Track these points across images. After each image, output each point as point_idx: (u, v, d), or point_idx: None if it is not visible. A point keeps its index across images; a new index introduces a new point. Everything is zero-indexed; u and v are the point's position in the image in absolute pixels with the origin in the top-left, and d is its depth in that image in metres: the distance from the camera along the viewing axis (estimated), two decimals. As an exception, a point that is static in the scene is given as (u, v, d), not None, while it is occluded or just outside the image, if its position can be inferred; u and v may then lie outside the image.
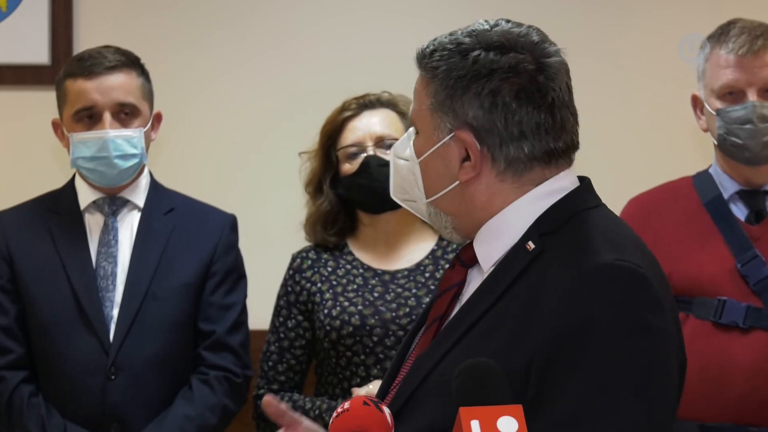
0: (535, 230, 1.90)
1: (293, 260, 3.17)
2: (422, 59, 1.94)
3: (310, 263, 3.13)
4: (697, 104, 3.07)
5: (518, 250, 1.89)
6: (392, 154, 2.04)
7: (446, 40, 1.93)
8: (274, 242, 3.66)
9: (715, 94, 3.00)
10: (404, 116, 3.06)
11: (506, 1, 3.34)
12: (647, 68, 3.90)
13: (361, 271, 3.10)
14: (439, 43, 1.93)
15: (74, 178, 3.14)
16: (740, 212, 3.02)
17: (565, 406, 1.74)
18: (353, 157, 3.09)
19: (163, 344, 3.02)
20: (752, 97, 2.94)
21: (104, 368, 2.96)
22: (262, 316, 3.26)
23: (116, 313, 3.00)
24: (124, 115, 3.04)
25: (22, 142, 3.92)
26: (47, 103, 3.28)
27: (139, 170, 3.09)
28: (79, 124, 3.03)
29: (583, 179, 1.98)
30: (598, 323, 1.75)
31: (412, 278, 3.07)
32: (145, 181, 3.14)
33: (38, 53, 3.90)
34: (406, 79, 2.03)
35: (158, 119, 3.15)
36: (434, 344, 1.91)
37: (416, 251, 3.12)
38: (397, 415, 1.85)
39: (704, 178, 3.09)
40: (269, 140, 3.89)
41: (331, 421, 1.75)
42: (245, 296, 3.16)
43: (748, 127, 2.94)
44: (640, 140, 3.91)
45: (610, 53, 3.89)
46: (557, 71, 1.90)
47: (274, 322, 3.15)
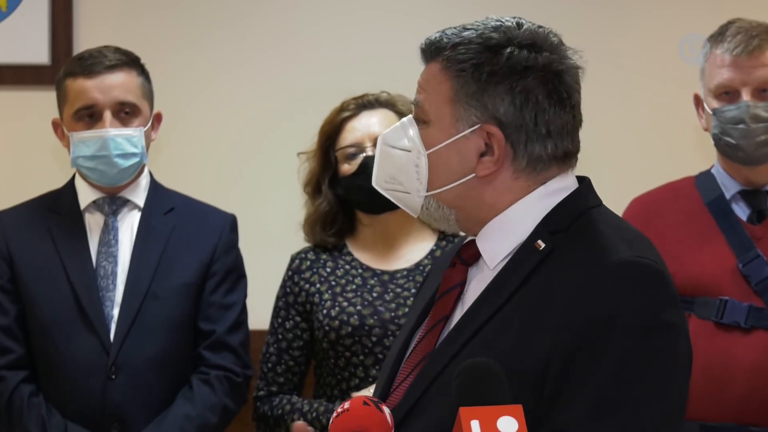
0: (543, 229, 1.89)
1: (292, 261, 3.16)
2: (439, 51, 1.91)
3: (308, 264, 3.13)
4: (699, 104, 3.08)
5: (527, 248, 1.88)
6: (381, 142, 2.00)
7: (470, 34, 1.90)
8: (274, 242, 3.66)
9: (712, 93, 3.00)
10: (403, 116, 3.05)
11: (506, 1, 3.33)
12: (647, 68, 3.90)
13: (360, 271, 3.10)
14: (460, 36, 1.90)
15: (74, 177, 3.14)
16: (742, 212, 3.02)
17: (587, 401, 1.75)
18: (352, 157, 3.08)
19: (163, 344, 3.01)
20: (746, 96, 2.94)
21: (105, 368, 2.96)
22: (262, 316, 3.25)
23: (116, 312, 3.00)
24: (124, 114, 3.04)
25: (22, 142, 3.92)
26: (47, 103, 3.28)
27: (139, 170, 3.09)
28: (79, 123, 3.03)
29: (583, 179, 1.99)
30: (619, 320, 1.77)
31: (411, 278, 3.07)
32: (145, 181, 3.14)
33: (38, 53, 3.90)
34: (406, 79, 2.03)
35: (158, 119, 3.15)
36: (443, 345, 1.90)
37: (415, 251, 3.12)
38: (406, 416, 1.85)
39: (706, 178, 3.09)
40: (269, 140, 3.89)
41: (331, 421, 1.75)
42: (245, 296, 3.15)
43: (741, 127, 2.94)
44: (640, 140, 3.91)
45: (610, 53, 3.89)
46: (577, 73, 1.95)
47: (273, 323, 3.14)
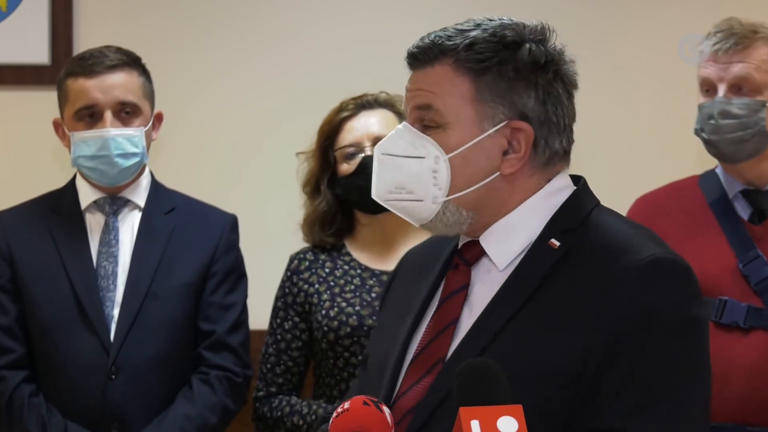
0: (553, 228, 1.88)
1: (291, 262, 3.16)
2: (445, 52, 1.88)
3: (307, 264, 3.13)
4: None
5: (540, 248, 1.86)
6: (381, 152, 1.95)
7: (481, 33, 1.88)
8: (274, 242, 3.66)
9: (699, 89, 3.02)
10: (402, 116, 3.05)
11: (506, 1, 3.33)
12: (647, 68, 3.90)
13: (358, 271, 3.10)
14: (466, 35, 1.87)
15: (75, 177, 3.14)
16: (744, 212, 3.02)
17: (632, 398, 1.76)
18: (351, 157, 3.08)
19: (163, 344, 3.01)
20: (721, 93, 2.95)
21: (105, 368, 2.96)
22: (262, 316, 3.25)
23: (117, 312, 3.00)
24: (125, 113, 3.04)
25: (22, 142, 3.92)
26: (47, 103, 3.28)
27: (140, 170, 3.08)
28: (80, 122, 3.03)
29: (578, 178, 1.97)
30: (657, 316, 1.78)
31: (411, 278, 3.07)
32: (146, 181, 3.14)
33: (38, 53, 3.90)
34: (405, 79, 2.03)
35: (159, 119, 3.15)
36: (462, 348, 1.86)
37: (414, 251, 3.12)
38: (429, 419, 1.82)
39: (710, 177, 3.09)
40: (269, 140, 3.89)
41: (330, 421, 1.75)
42: (246, 296, 3.15)
43: (711, 122, 2.95)
44: (640, 140, 3.91)
45: (610, 53, 3.89)
46: (574, 65, 1.95)
47: (271, 323, 3.14)
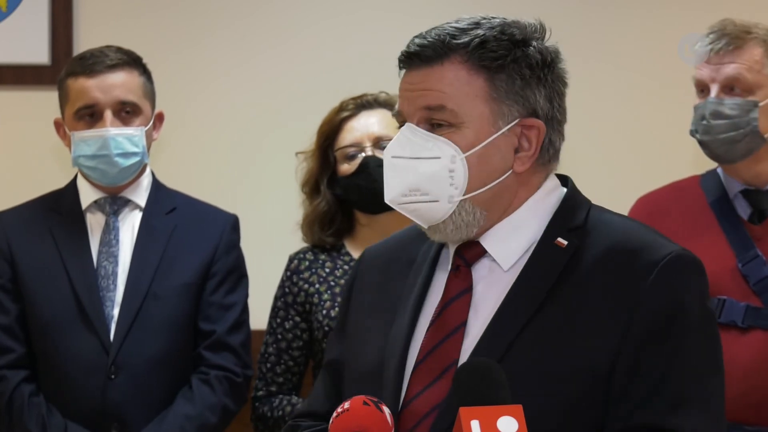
0: (556, 226, 1.88)
1: (290, 261, 3.16)
2: (452, 50, 1.87)
3: (307, 264, 3.13)
4: None
5: (546, 247, 1.86)
6: (391, 155, 1.91)
7: (490, 31, 1.87)
8: (274, 242, 3.66)
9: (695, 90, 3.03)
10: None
11: (507, 0, 3.33)
12: (647, 68, 3.90)
13: (359, 271, 3.10)
14: (470, 33, 1.87)
15: (76, 177, 3.15)
16: (744, 211, 3.02)
17: (670, 393, 1.79)
18: (351, 157, 3.08)
19: (163, 344, 3.01)
20: (714, 93, 2.95)
21: (105, 368, 2.96)
22: (262, 316, 3.25)
23: (117, 312, 3.00)
24: (125, 113, 3.04)
25: (22, 142, 3.92)
26: (47, 103, 3.28)
27: (140, 169, 3.08)
28: (80, 122, 3.03)
29: (564, 177, 1.97)
30: (685, 311, 1.81)
31: (411, 278, 3.06)
32: (147, 180, 3.14)
33: (38, 53, 3.90)
34: (406, 79, 2.03)
35: (160, 119, 3.15)
36: (479, 351, 1.84)
37: (414, 251, 3.12)
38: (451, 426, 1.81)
39: (711, 177, 3.09)
40: (269, 140, 3.89)
41: (330, 421, 1.75)
42: (246, 296, 3.15)
43: (704, 123, 2.95)
44: (639, 140, 3.91)
45: (610, 53, 3.89)
46: None
47: (271, 323, 3.14)
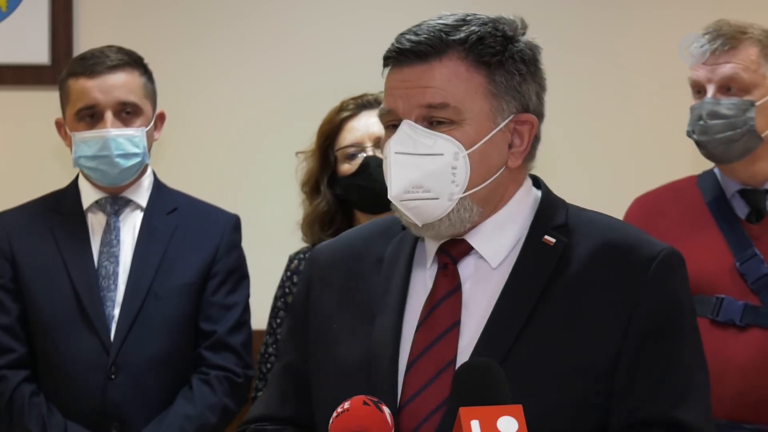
0: (540, 224, 1.88)
1: (290, 261, 3.16)
2: (449, 46, 1.87)
3: (307, 264, 3.13)
4: None
5: (534, 245, 1.87)
6: (395, 152, 1.91)
7: (483, 27, 1.88)
8: (274, 242, 3.66)
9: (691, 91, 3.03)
10: (401, 116, 3.05)
11: (506, 0, 3.33)
12: (647, 68, 3.90)
13: (359, 271, 3.09)
14: (465, 30, 1.87)
15: (78, 178, 3.15)
16: (741, 211, 3.02)
17: (674, 388, 1.82)
18: (352, 157, 3.08)
19: (163, 344, 3.01)
20: (710, 93, 2.95)
21: (105, 367, 2.96)
22: (262, 316, 3.25)
23: (117, 312, 3.00)
24: (125, 114, 3.04)
25: (22, 142, 3.92)
26: (47, 103, 3.28)
27: (141, 170, 3.08)
28: (81, 123, 3.03)
29: (535, 177, 1.98)
30: (681, 308, 1.87)
31: (411, 278, 3.06)
32: (148, 180, 3.14)
33: (38, 53, 3.90)
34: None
35: (161, 119, 3.15)
36: (480, 350, 1.83)
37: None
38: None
39: (708, 177, 3.10)
40: (270, 140, 3.90)
41: (330, 421, 1.75)
42: (247, 296, 3.15)
43: (701, 123, 2.95)
44: (639, 140, 3.91)
45: (610, 53, 3.89)
46: None
47: (270, 323, 3.14)
